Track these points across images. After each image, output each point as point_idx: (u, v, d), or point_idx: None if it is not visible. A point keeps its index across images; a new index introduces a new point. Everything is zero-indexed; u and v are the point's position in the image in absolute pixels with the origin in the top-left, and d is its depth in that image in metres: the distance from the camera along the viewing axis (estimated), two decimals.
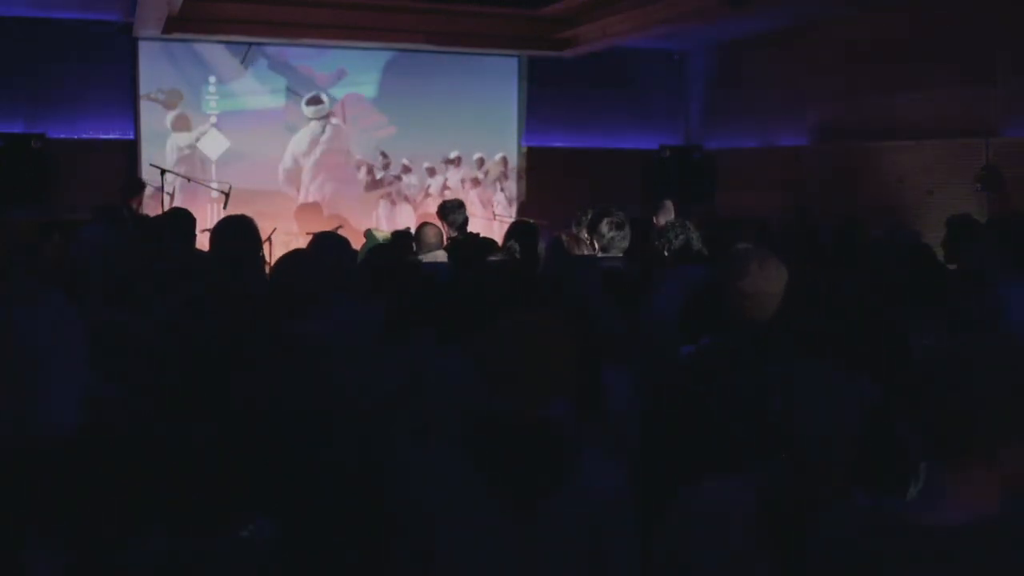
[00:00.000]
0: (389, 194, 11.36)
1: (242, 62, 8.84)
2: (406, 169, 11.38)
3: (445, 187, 11.47)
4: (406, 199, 11.40)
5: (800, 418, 1.89)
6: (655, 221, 7.23)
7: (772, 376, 2.03)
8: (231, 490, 2.46)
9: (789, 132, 10.72)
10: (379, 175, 11.30)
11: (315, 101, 10.96)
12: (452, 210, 6.62)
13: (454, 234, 6.45)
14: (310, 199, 11.04)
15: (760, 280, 2.81)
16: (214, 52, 10.56)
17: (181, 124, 10.49)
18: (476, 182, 11.68)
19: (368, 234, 6.45)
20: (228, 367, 2.87)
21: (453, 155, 11.54)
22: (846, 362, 3.15)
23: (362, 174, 11.24)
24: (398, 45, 10.84)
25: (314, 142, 11.01)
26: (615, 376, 2.99)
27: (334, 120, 11.09)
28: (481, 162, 11.70)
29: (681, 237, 4.62)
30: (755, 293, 2.81)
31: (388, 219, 11.16)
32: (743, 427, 2.12)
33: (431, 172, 11.48)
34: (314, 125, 11.00)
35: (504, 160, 11.81)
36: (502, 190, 11.81)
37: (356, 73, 11.13)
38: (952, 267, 5.25)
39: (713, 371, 2.80)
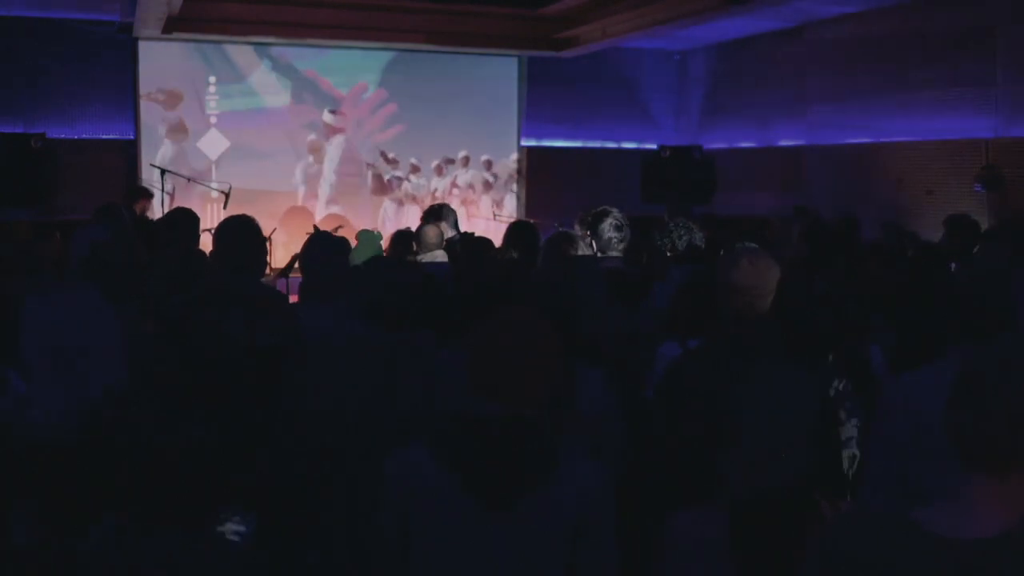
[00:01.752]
0: (396, 195, 11.36)
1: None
2: (414, 169, 11.38)
3: (454, 185, 11.47)
4: (413, 199, 11.39)
5: (758, 416, 1.87)
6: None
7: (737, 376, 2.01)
8: (222, 487, 2.46)
9: (789, 132, 10.72)
10: (387, 176, 11.30)
11: (335, 112, 11.03)
12: (446, 215, 6.62)
13: (451, 233, 6.45)
14: (325, 203, 11.08)
15: (751, 276, 2.81)
16: (214, 52, 10.55)
17: (177, 131, 10.45)
18: (476, 184, 11.67)
19: (362, 235, 6.40)
20: (230, 367, 2.88)
21: (461, 155, 11.55)
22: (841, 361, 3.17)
23: (369, 176, 11.26)
24: (399, 45, 10.84)
25: (335, 150, 11.09)
26: (603, 377, 2.98)
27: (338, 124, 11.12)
28: (480, 162, 11.70)
29: (684, 237, 4.62)
30: (746, 288, 2.81)
31: (395, 220, 11.15)
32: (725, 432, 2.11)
33: (439, 171, 11.48)
34: (337, 137, 11.06)
35: (504, 160, 11.81)
36: (501, 190, 11.81)
37: (357, 73, 11.13)
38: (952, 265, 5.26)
39: (704, 376, 2.81)
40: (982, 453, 1.50)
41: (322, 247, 3.68)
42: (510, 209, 11.65)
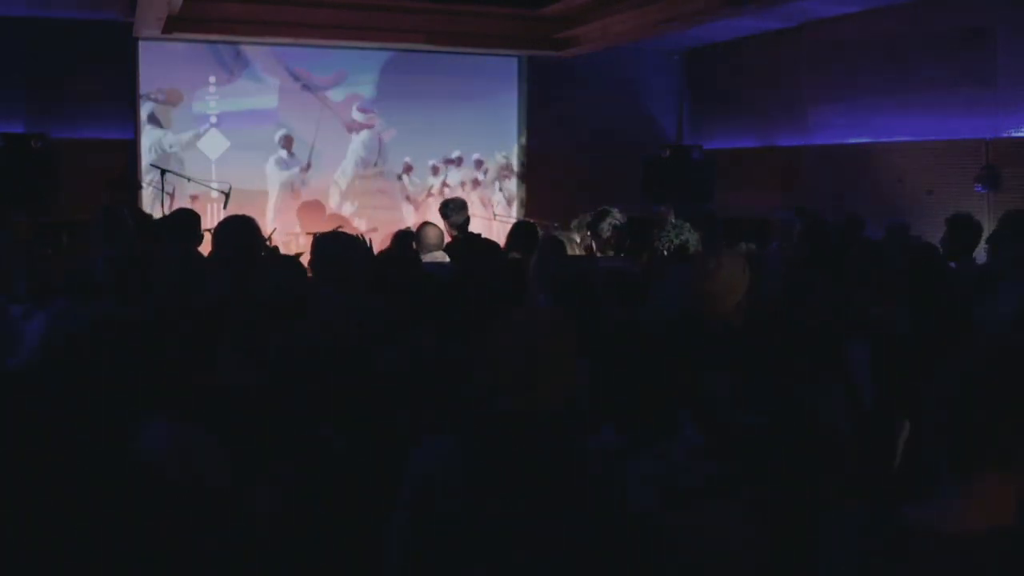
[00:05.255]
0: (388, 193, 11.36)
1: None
2: (408, 168, 11.37)
3: (444, 185, 11.47)
4: (408, 199, 11.40)
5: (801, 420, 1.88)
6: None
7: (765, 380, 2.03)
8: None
9: (789, 132, 10.72)
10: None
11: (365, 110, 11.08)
12: (455, 210, 6.59)
13: (455, 234, 6.44)
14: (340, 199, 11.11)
15: (719, 280, 2.94)
16: (214, 52, 10.55)
17: (163, 119, 10.41)
18: (476, 183, 11.67)
19: None
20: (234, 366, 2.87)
21: (455, 155, 11.54)
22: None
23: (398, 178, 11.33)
24: (398, 45, 10.84)
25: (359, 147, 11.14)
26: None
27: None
28: (481, 163, 11.70)
29: (682, 237, 4.63)
30: (717, 294, 2.94)
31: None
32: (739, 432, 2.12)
33: (435, 171, 11.48)
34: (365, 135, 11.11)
35: (504, 160, 11.81)
36: (501, 190, 11.81)
37: (355, 73, 11.13)
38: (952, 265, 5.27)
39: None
40: (969, 451, 1.51)
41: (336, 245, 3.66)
42: (509, 209, 11.65)
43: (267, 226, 8.58)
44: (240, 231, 3.76)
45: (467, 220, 6.67)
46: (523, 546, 1.98)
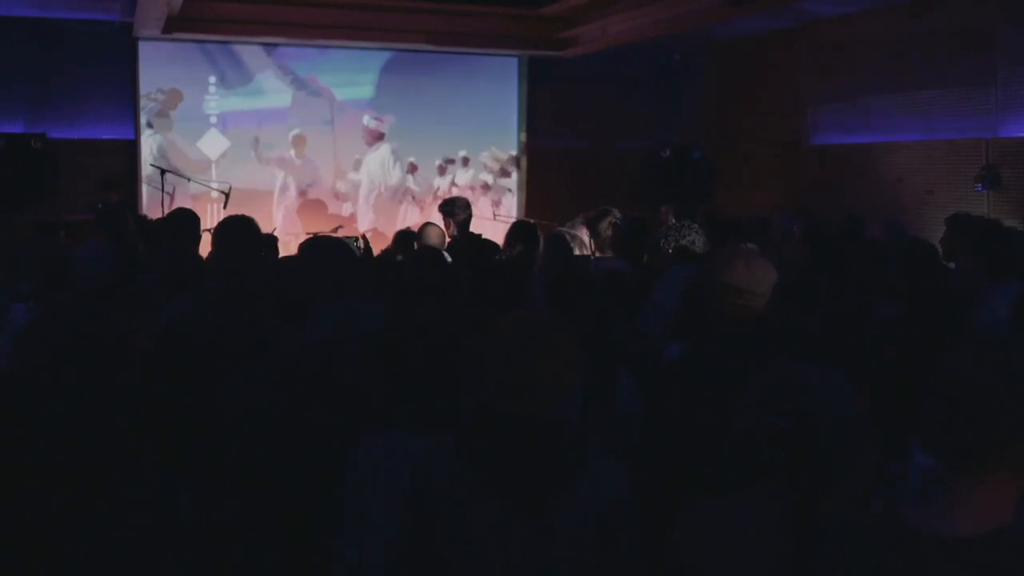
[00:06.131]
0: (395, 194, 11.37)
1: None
2: (412, 168, 11.37)
3: (453, 184, 11.47)
4: (413, 199, 11.40)
5: (819, 420, 1.86)
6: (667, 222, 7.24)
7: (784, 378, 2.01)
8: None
9: (789, 132, 10.72)
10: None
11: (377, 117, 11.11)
12: (460, 208, 6.58)
13: (455, 232, 6.44)
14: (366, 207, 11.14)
15: (745, 278, 2.86)
16: (214, 52, 10.55)
17: (162, 123, 10.40)
18: (486, 184, 11.67)
19: None
20: (233, 368, 2.88)
21: (461, 154, 11.54)
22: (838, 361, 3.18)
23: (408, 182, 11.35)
24: (398, 45, 10.84)
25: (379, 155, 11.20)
26: (626, 377, 3.00)
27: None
28: (481, 162, 11.70)
29: (688, 238, 4.62)
30: (739, 289, 2.86)
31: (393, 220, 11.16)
32: (745, 431, 2.11)
33: (440, 171, 11.48)
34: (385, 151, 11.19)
35: (504, 160, 11.81)
36: (510, 191, 11.81)
37: (355, 73, 11.13)
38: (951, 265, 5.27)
39: (706, 373, 2.82)
40: (966, 453, 1.51)
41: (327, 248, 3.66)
42: (510, 209, 11.65)
43: (269, 226, 8.59)
44: (240, 231, 3.75)
45: (468, 219, 6.66)
46: (521, 548, 1.97)
